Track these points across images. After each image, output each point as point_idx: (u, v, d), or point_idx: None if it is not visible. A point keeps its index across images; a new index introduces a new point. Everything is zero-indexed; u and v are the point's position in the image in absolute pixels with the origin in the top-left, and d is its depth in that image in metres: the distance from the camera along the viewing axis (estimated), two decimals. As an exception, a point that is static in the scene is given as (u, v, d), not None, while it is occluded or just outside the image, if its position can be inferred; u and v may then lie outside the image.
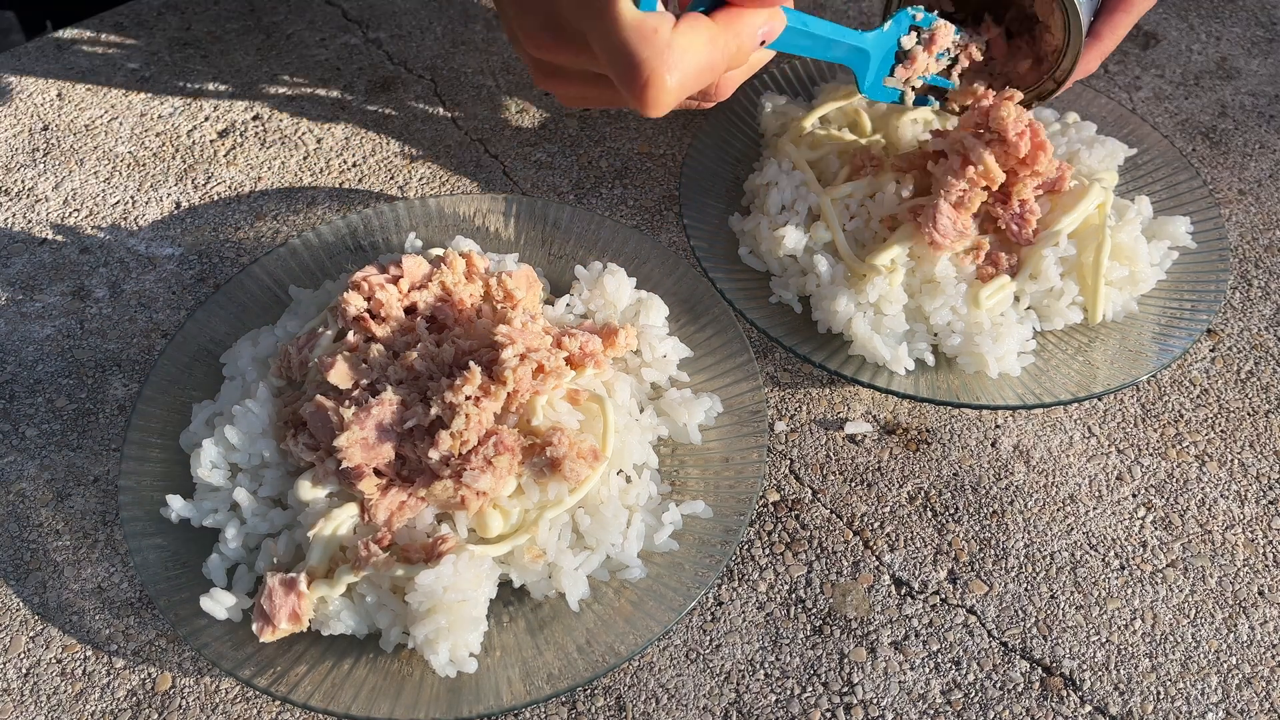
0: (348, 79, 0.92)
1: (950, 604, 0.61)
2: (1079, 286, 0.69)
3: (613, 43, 0.43)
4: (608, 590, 0.59)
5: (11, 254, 0.78)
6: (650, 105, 0.44)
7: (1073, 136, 0.77)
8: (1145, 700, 0.58)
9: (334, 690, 0.54)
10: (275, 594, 0.54)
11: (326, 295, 0.69)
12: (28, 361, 0.72)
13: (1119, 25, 0.67)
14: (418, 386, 0.59)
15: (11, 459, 0.67)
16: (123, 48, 0.94)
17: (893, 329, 0.69)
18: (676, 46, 0.43)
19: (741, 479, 0.62)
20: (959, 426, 0.69)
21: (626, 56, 0.43)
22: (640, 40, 0.43)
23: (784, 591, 0.62)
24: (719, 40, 0.45)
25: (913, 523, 0.65)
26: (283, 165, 0.85)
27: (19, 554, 0.63)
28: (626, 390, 0.64)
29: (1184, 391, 0.72)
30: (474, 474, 0.55)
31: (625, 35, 0.43)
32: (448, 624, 0.54)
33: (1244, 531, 0.65)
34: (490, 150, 0.86)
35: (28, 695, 0.58)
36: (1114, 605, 0.61)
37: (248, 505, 0.59)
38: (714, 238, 0.75)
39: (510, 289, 0.64)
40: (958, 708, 0.57)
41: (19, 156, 0.85)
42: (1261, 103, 0.92)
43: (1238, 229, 0.82)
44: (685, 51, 0.44)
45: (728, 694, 0.58)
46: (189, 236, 0.79)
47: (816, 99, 0.81)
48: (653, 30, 0.43)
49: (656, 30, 0.43)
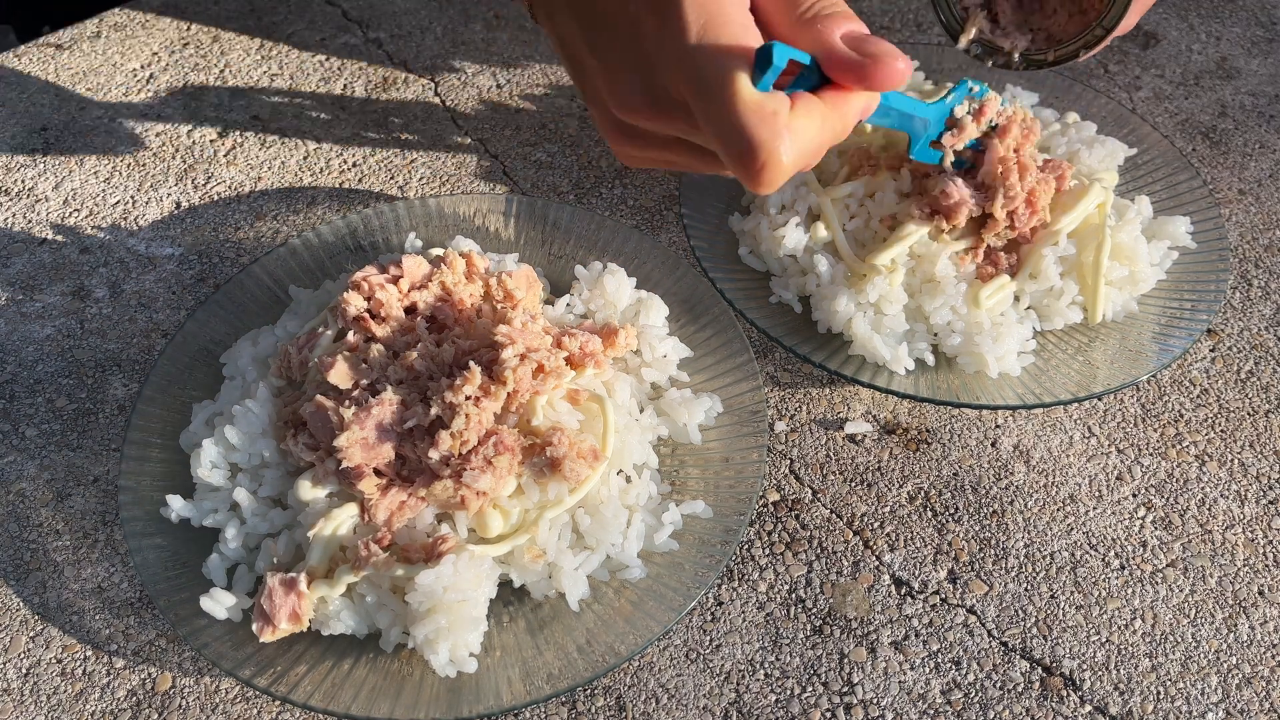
0: (348, 79, 0.92)
1: (950, 604, 0.61)
2: (1079, 286, 0.69)
3: (730, 124, 0.44)
4: (608, 590, 0.59)
5: (11, 254, 0.78)
6: (765, 185, 0.45)
7: (1073, 136, 0.77)
8: (1145, 700, 0.58)
9: (334, 690, 0.54)
10: (275, 594, 0.54)
11: (326, 295, 0.69)
12: (28, 361, 0.72)
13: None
14: (418, 386, 0.59)
15: (11, 459, 0.67)
16: (123, 48, 0.94)
17: (893, 329, 0.69)
18: (795, 129, 0.44)
19: (741, 479, 0.62)
20: (959, 426, 0.69)
21: (746, 139, 0.44)
22: (760, 122, 0.43)
23: (784, 591, 0.62)
24: (829, 120, 0.46)
25: (913, 523, 0.65)
26: (283, 165, 0.85)
27: (19, 554, 0.63)
28: (626, 390, 0.64)
29: (1184, 391, 0.72)
30: (474, 474, 0.55)
31: (746, 118, 0.43)
32: (448, 624, 0.54)
33: (1244, 531, 0.65)
34: (490, 150, 0.86)
35: (28, 695, 0.58)
36: (1114, 605, 0.61)
37: (248, 505, 0.59)
38: (714, 238, 0.75)
39: (510, 289, 0.64)
40: (958, 708, 0.57)
41: (19, 156, 0.85)
42: (1261, 103, 0.92)
43: (1238, 229, 0.82)
44: (801, 134, 0.44)
45: (728, 694, 0.58)
46: (189, 236, 0.79)
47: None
48: (772, 114, 0.43)
49: (776, 114, 0.43)
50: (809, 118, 0.45)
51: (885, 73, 0.44)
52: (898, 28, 0.99)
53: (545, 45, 0.96)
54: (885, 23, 0.99)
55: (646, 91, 0.48)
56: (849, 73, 0.45)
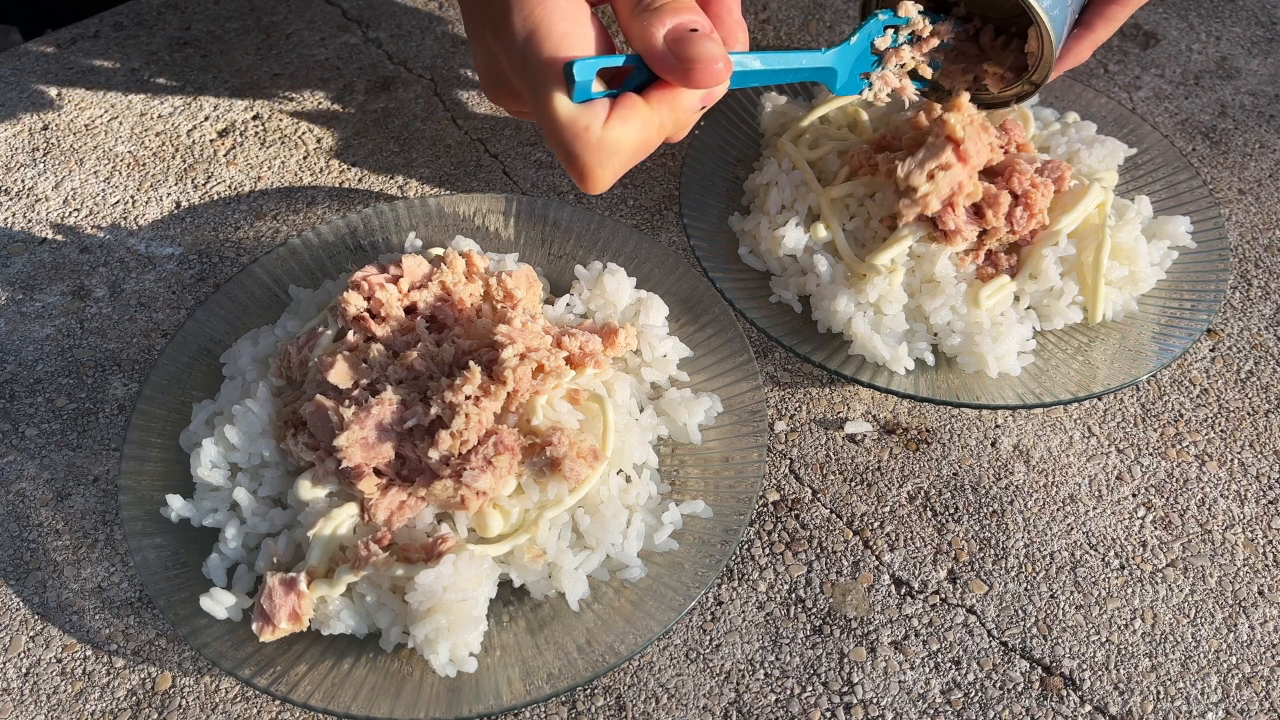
0: (348, 79, 0.92)
1: (950, 604, 0.61)
2: (1079, 286, 0.69)
3: (551, 137, 0.47)
4: (608, 590, 0.59)
5: (11, 254, 0.78)
6: (589, 189, 0.49)
7: (1073, 136, 0.77)
8: (1145, 700, 0.58)
9: (334, 690, 0.54)
10: (275, 594, 0.54)
11: (326, 295, 0.69)
12: (28, 361, 0.72)
13: (1113, 16, 0.66)
14: (418, 386, 0.59)
15: (11, 459, 0.67)
16: (123, 48, 0.94)
17: (893, 329, 0.69)
18: (607, 142, 0.47)
19: (741, 479, 0.62)
20: (959, 426, 0.69)
21: (563, 150, 0.47)
22: (573, 138, 0.46)
23: (784, 591, 0.62)
24: (652, 122, 0.48)
25: (913, 522, 0.65)
26: (283, 165, 0.85)
27: (19, 554, 0.63)
28: (626, 390, 0.64)
29: (1184, 391, 0.72)
30: (474, 474, 0.55)
31: (560, 133, 0.46)
32: (448, 624, 0.54)
33: (1244, 531, 0.65)
34: (490, 150, 0.86)
35: (28, 695, 0.58)
36: (1114, 605, 0.61)
37: (248, 505, 0.59)
38: (714, 238, 0.75)
39: (510, 289, 0.64)
40: (957, 707, 0.57)
41: (19, 156, 0.85)
42: (1261, 103, 0.92)
43: (1238, 229, 0.82)
44: (616, 144, 0.47)
45: (728, 694, 0.58)
46: (189, 236, 0.79)
47: (816, 99, 0.81)
48: (584, 129, 0.46)
49: (588, 128, 0.46)
50: (625, 125, 0.47)
51: (702, 75, 0.46)
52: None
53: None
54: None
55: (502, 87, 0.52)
56: (669, 73, 0.47)
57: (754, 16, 0.99)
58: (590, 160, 0.47)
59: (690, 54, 0.45)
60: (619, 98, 0.47)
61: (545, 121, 0.47)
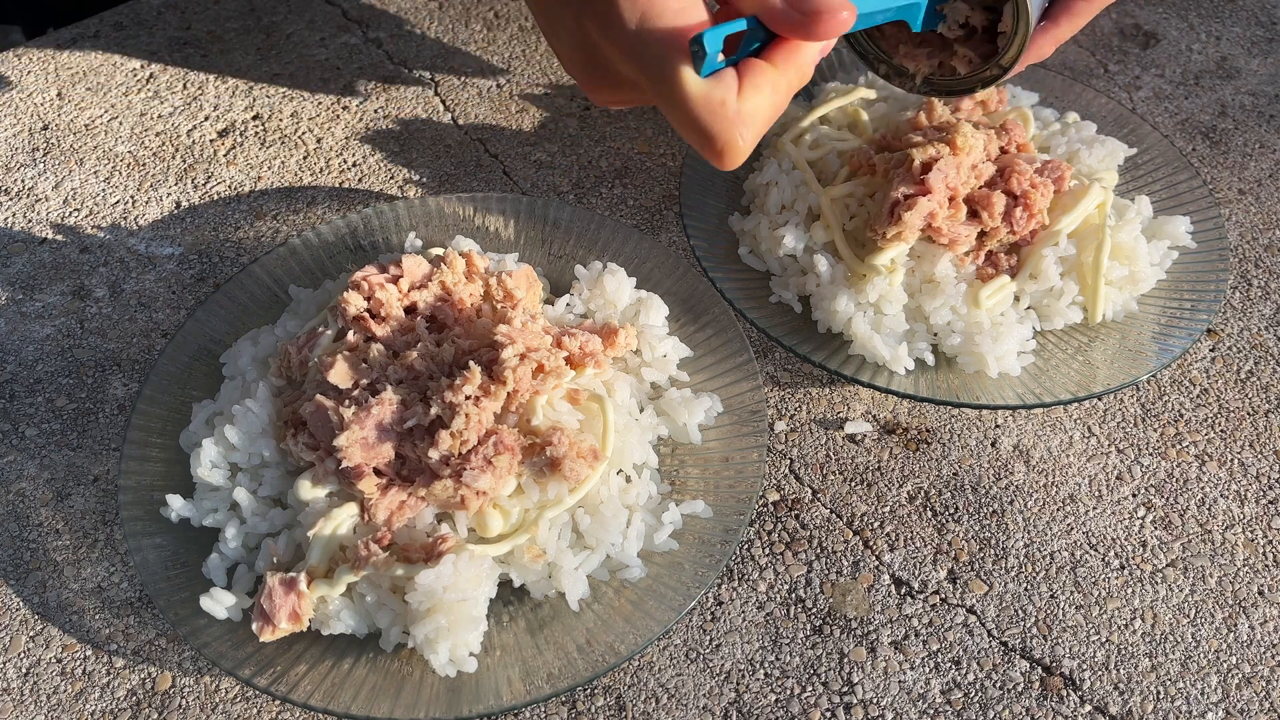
0: (348, 79, 0.92)
1: (950, 604, 0.61)
2: (1079, 286, 0.69)
3: (684, 119, 0.46)
4: (608, 590, 0.59)
5: (11, 254, 0.78)
6: (729, 165, 0.47)
7: (1073, 136, 0.77)
8: (1145, 700, 0.58)
9: (334, 690, 0.54)
10: (275, 594, 0.54)
11: (326, 295, 0.69)
12: (28, 361, 0.72)
13: (1079, 13, 0.65)
14: (418, 386, 0.59)
15: (11, 459, 0.67)
16: (123, 48, 0.94)
17: (893, 329, 0.69)
18: (745, 113, 0.45)
19: (741, 479, 0.62)
20: (959, 426, 0.69)
21: (699, 130, 0.46)
22: (709, 114, 0.45)
23: (784, 591, 0.62)
24: (780, 84, 0.47)
25: (913, 522, 0.65)
26: (283, 165, 0.85)
27: (19, 554, 0.63)
28: (626, 390, 0.64)
29: (1184, 391, 0.72)
30: (474, 474, 0.55)
31: (695, 110, 0.45)
32: (448, 624, 0.54)
33: (1244, 531, 0.65)
34: (490, 150, 0.86)
35: (28, 695, 0.58)
36: (1114, 605, 0.61)
37: (248, 505, 0.59)
38: (714, 238, 0.75)
39: (510, 289, 0.64)
40: (957, 707, 0.57)
41: (19, 156, 0.85)
42: (1261, 103, 0.92)
43: (1238, 229, 0.82)
44: (755, 113, 0.46)
45: (728, 694, 0.58)
46: (189, 236, 0.79)
47: (816, 99, 0.81)
48: (720, 103, 0.45)
49: (724, 102, 0.45)
50: (758, 93, 0.46)
51: (827, 26, 0.45)
52: (898, 28, 0.98)
53: (545, 45, 0.96)
54: (885, 23, 0.99)
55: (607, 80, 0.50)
56: (791, 29, 0.46)
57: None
58: (731, 135, 0.46)
59: (813, 6, 0.45)
60: (742, 65, 0.46)
61: (674, 101, 0.45)
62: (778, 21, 0.46)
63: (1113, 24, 0.99)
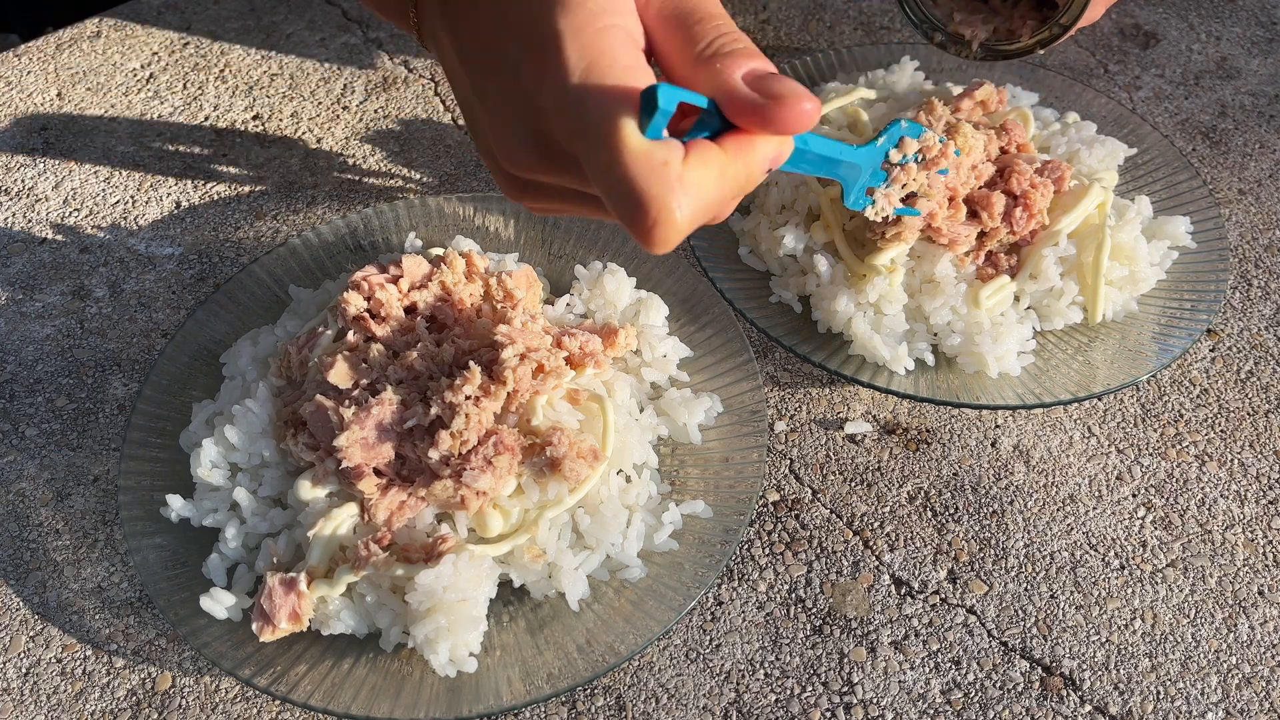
0: (348, 79, 0.92)
1: (950, 604, 0.61)
2: (1079, 286, 0.69)
3: (617, 175, 0.38)
4: (608, 590, 0.59)
5: (11, 254, 0.78)
6: (658, 244, 0.40)
7: (1073, 136, 0.77)
8: (1145, 700, 0.58)
9: (334, 690, 0.54)
10: (275, 594, 0.54)
11: (326, 295, 0.69)
12: (28, 361, 0.72)
13: None
14: (418, 386, 0.59)
15: (11, 459, 0.67)
16: (123, 48, 0.94)
17: (893, 329, 0.69)
18: (688, 182, 0.39)
19: (741, 479, 0.62)
20: (959, 426, 0.69)
21: (633, 193, 0.38)
22: (649, 174, 0.38)
23: (784, 591, 0.62)
24: (728, 171, 0.41)
25: (913, 523, 0.65)
26: (283, 165, 0.85)
27: (19, 554, 0.63)
28: (626, 390, 0.64)
29: (1184, 391, 0.72)
30: (474, 474, 0.55)
31: (633, 169, 0.38)
32: (448, 624, 0.54)
33: (1244, 531, 0.65)
34: (490, 150, 0.86)
35: (28, 695, 0.58)
36: (1114, 605, 0.61)
37: (248, 505, 0.59)
38: (714, 238, 0.75)
39: (510, 289, 0.64)
40: (957, 707, 0.57)
41: (19, 156, 0.85)
42: (1261, 103, 0.92)
43: (1238, 229, 0.82)
44: (697, 187, 0.39)
45: (728, 694, 0.58)
46: (189, 236, 0.79)
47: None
48: (662, 163, 0.38)
49: (667, 163, 0.38)
50: (705, 168, 0.40)
51: (790, 115, 0.39)
52: (897, 26, 0.99)
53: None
54: (885, 22, 0.99)
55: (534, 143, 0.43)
56: (751, 116, 0.40)
57: (754, 16, 0.99)
58: (668, 200, 0.38)
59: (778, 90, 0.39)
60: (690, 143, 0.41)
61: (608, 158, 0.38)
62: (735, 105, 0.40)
63: (1113, 24, 0.99)
